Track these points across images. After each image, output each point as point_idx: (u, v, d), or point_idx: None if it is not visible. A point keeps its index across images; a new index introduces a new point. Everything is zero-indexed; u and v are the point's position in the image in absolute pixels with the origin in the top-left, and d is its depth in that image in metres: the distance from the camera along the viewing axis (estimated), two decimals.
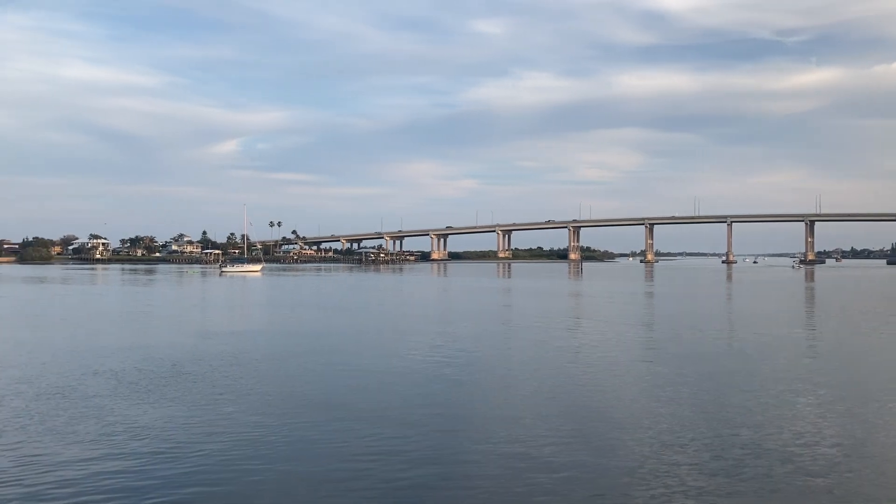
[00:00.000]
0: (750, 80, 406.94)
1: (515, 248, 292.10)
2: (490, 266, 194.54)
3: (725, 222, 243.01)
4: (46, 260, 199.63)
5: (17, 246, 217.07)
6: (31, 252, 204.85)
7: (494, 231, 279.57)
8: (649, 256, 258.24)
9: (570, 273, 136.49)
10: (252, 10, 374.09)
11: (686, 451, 12.53)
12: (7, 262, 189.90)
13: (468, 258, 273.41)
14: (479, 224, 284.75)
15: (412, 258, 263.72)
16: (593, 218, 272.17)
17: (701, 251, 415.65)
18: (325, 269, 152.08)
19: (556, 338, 29.23)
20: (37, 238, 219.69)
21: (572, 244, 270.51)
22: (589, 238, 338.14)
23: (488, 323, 35.77)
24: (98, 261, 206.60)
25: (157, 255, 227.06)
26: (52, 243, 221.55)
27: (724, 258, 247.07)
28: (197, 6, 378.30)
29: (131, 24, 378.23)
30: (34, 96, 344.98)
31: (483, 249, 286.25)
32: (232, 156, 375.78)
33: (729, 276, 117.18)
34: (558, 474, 11.35)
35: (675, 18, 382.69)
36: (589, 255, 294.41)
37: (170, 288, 74.84)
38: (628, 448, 12.78)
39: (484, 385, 18.94)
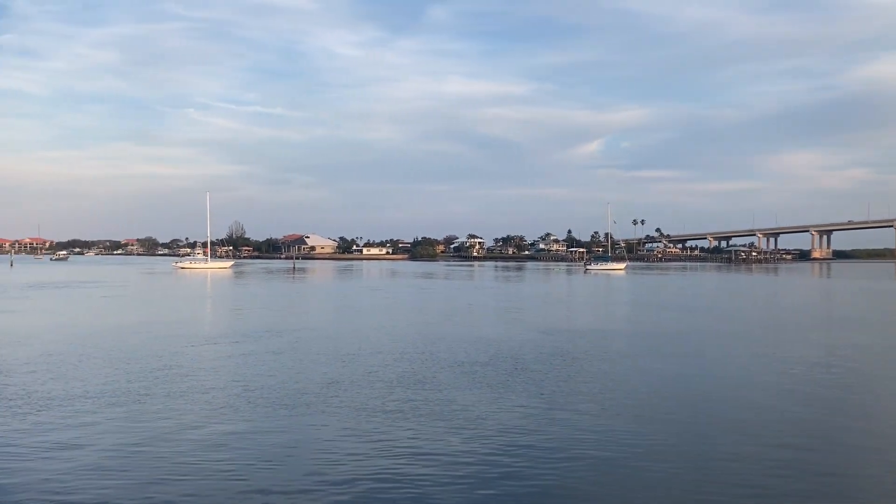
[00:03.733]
0: None
1: None
2: (886, 266, 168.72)
3: None
4: (432, 257, 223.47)
5: (409, 245, 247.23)
6: (420, 250, 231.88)
7: (892, 226, 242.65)
8: None
9: None
10: (614, 10, 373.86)
11: None
12: (401, 259, 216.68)
13: (857, 257, 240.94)
14: (872, 219, 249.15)
15: (788, 257, 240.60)
16: None
17: None
18: (690, 268, 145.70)
19: None
20: (424, 238, 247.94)
21: None
22: None
23: (882, 333, 29.95)
24: (474, 258, 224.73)
25: (526, 253, 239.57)
26: (437, 242, 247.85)
27: None
28: (560, 13, 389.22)
29: (503, 38, 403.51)
30: (421, 111, 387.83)
31: (877, 248, 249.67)
32: (595, 156, 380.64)
33: None
34: None
35: None
36: None
37: (536, 285, 77.45)
38: None
39: (872, 414, 15.29)
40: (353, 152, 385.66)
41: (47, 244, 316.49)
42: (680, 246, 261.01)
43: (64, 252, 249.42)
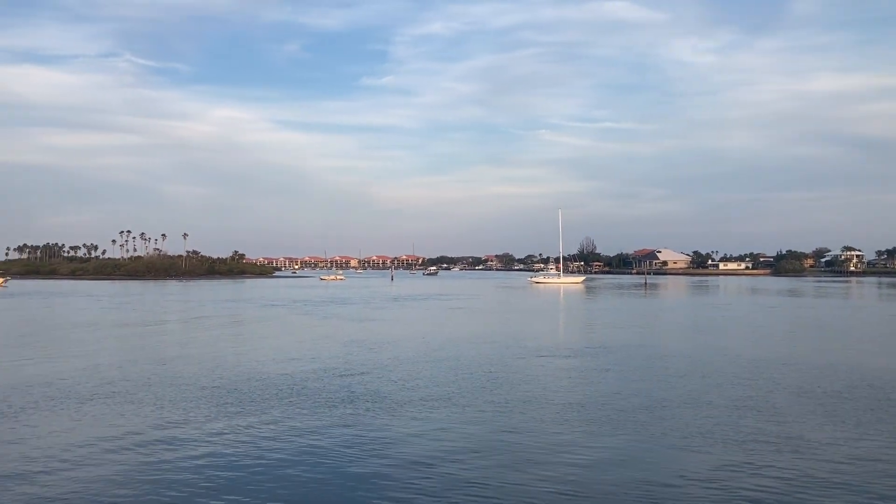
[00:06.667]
0: None
1: None
2: None
3: None
4: (798, 272, 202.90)
5: (771, 259, 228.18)
6: (784, 265, 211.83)
7: None
8: None
9: None
10: None
11: None
12: (762, 275, 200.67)
13: None
14: None
15: None
16: None
17: None
18: None
19: None
20: (790, 251, 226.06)
21: None
22: None
23: None
24: (851, 273, 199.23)
25: None
26: (804, 256, 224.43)
27: None
28: None
29: (883, 24, 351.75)
30: (783, 114, 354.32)
31: None
32: None
33: None
34: None
35: None
36: None
37: None
38: None
39: None
40: (707, 162, 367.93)
41: (420, 260, 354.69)
42: None
43: (434, 268, 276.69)
